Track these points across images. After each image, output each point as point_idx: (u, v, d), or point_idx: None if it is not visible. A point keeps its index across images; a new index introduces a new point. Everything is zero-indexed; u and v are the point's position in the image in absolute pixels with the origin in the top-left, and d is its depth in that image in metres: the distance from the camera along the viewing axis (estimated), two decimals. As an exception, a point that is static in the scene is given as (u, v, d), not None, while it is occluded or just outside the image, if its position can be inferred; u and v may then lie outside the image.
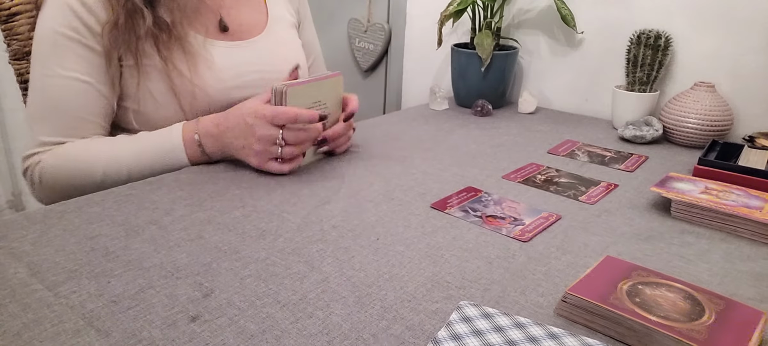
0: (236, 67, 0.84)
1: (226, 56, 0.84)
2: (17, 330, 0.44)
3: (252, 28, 0.89)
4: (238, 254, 0.57)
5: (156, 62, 0.78)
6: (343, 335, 0.45)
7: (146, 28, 0.75)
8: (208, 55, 0.81)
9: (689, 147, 1.02)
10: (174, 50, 0.78)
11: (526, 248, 0.61)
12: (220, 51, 0.83)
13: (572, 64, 1.26)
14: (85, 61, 0.75)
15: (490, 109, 1.20)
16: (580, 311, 0.48)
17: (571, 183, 0.81)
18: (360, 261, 0.57)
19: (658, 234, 0.65)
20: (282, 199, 0.71)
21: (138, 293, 0.49)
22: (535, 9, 1.29)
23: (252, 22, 0.90)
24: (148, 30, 0.76)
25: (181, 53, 0.79)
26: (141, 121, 0.81)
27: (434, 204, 0.71)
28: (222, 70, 0.82)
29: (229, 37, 0.86)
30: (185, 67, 0.79)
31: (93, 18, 0.74)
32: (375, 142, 0.97)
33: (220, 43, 0.84)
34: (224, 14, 0.86)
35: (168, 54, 0.78)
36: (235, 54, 0.85)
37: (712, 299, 0.48)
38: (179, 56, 0.78)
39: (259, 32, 0.90)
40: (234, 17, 0.88)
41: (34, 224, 0.61)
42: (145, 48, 0.77)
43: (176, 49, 0.78)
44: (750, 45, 1.03)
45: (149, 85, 0.78)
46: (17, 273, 0.52)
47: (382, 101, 1.73)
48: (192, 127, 0.78)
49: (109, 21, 0.74)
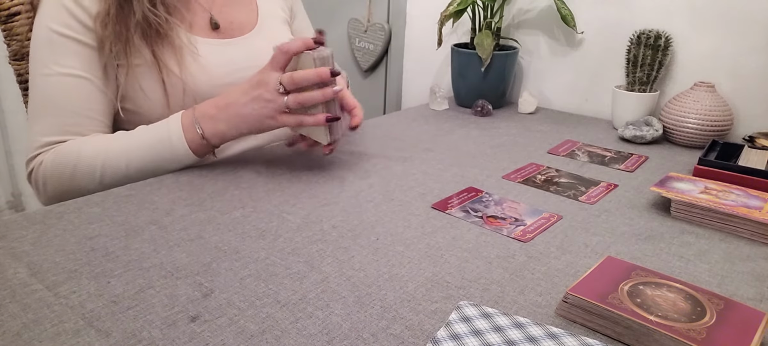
0: (227, 64, 0.84)
1: (217, 53, 0.84)
2: (17, 330, 0.44)
3: (243, 26, 0.90)
4: (238, 254, 0.57)
5: (146, 58, 0.78)
6: (343, 335, 0.45)
7: (136, 21, 0.75)
8: (198, 52, 0.81)
9: (689, 147, 1.01)
10: (164, 46, 0.78)
11: (526, 248, 0.61)
12: (210, 48, 0.83)
13: (572, 64, 1.26)
14: (83, 58, 0.75)
15: (490, 109, 1.20)
16: (580, 312, 0.48)
17: (571, 183, 0.81)
18: (360, 261, 0.57)
19: (658, 234, 0.65)
20: (282, 199, 0.71)
21: (138, 293, 0.49)
22: (535, 9, 1.29)
23: (243, 20, 0.90)
24: (138, 24, 0.76)
25: (171, 50, 0.78)
26: (131, 119, 0.81)
27: (435, 204, 0.71)
28: (212, 67, 0.82)
29: (219, 35, 0.86)
30: (175, 63, 0.79)
31: (87, 15, 0.74)
32: (375, 142, 0.97)
33: (211, 41, 0.84)
34: (215, 12, 0.87)
35: (158, 50, 0.77)
36: (225, 51, 0.85)
37: (712, 299, 0.48)
38: (169, 53, 0.78)
39: (250, 29, 0.90)
40: (225, 15, 0.88)
41: (34, 224, 0.61)
42: (135, 43, 0.77)
43: (166, 46, 0.78)
44: (750, 45, 1.03)
45: (139, 82, 0.78)
46: (17, 273, 0.52)
47: (382, 101, 1.73)
48: (189, 114, 0.76)
49: (102, 11, 0.74)
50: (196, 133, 0.75)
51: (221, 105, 0.75)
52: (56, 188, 0.75)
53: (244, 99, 0.74)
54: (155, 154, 0.75)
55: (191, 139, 0.75)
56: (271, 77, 0.73)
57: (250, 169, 0.80)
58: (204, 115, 0.75)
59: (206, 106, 0.76)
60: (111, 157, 0.74)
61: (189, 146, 0.75)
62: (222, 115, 0.75)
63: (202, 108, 0.76)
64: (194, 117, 0.75)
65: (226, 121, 0.75)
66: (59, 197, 0.74)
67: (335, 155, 0.88)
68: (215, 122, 0.75)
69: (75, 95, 0.75)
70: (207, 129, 0.75)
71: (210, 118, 0.75)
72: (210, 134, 0.75)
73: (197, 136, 0.75)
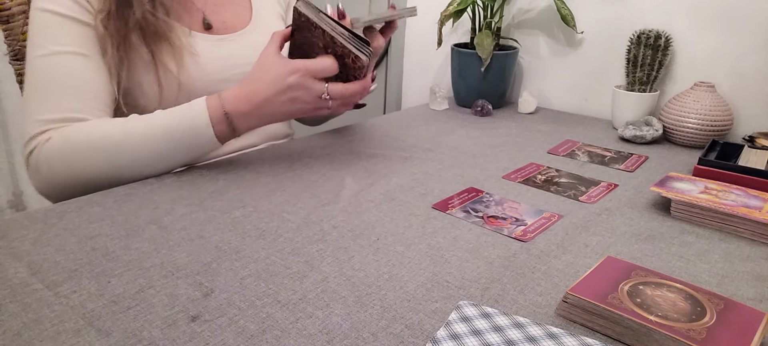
0: (222, 60, 0.85)
1: (212, 50, 0.84)
2: (17, 330, 0.44)
3: (236, 25, 0.90)
4: (238, 254, 0.57)
5: (142, 54, 0.78)
6: (343, 335, 0.45)
7: (135, 20, 0.75)
8: (193, 48, 0.82)
9: (689, 147, 1.02)
10: (160, 43, 0.78)
11: (526, 247, 0.61)
12: (205, 45, 0.84)
13: (572, 64, 1.26)
14: (81, 37, 0.74)
15: (490, 109, 1.20)
16: (580, 311, 0.48)
17: (571, 183, 0.81)
18: (360, 261, 0.57)
19: (658, 234, 0.66)
20: (282, 199, 0.71)
21: (138, 293, 0.49)
22: (535, 9, 1.29)
23: (236, 19, 0.91)
24: (136, 22, 0.76)
25: (167, 46, 0.79)
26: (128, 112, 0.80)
27: (436, 205, 0.71)
28: (207, 63, 0.83)
29: (213, 33, 0.87)
30: (171, 59, 0.79)
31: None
32: (375, 142, 0.97)
33: (206, 37, 0.85)
34: (208, 12, 0.87)
35: (154, 47, 0.78)
36: (220, 47, 0.86)
37: (712, 299, 0.48)
38: (166, 49, 0.79)
39: (243, 27, 0.91)
40: (217, 15, 0.89)
41: (34, 223, 0.61)
42: (133, 40, 0.77)
43: (163, 42, 0.78)
44: (750, 45, 1.03)
45: (137, 77, 0.79)
46: (17, 273, 0.52)
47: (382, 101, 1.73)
48: (216, 106, 0.74)
49: (103, 9, 0.74)
50: (225, 126, 0.75)
51: (255, 102, 0.74)
52: (63, 169, 0.71)
53: (281, 99, 0.74)
54: (179, 139, 0.73)
55: (220, 131, 0.75)
56: (315, 85, 0.74)
57: (251, 169, 0.80)
58: (236, 111, 0.74)
59: (237, 102, 0.74)
60: (130, 135, 0.71)
61: (217, 136, 0.75)
62: (256, 112, 0.75)
63: (233, 104, 0.74)
64: (223, 111, 0.74)
65: (259, 118, 0.76)
66: (63, 180, 0.71)
67: (335, 155, 0.88)
68: (248, 119, 0.76)
69: (78, 72, 0.73)
70: (240, 126, 0.76)
71: (243, 116, 0.75)
72: (243, 129, 0.77)
73: (226, 130, 0.75)
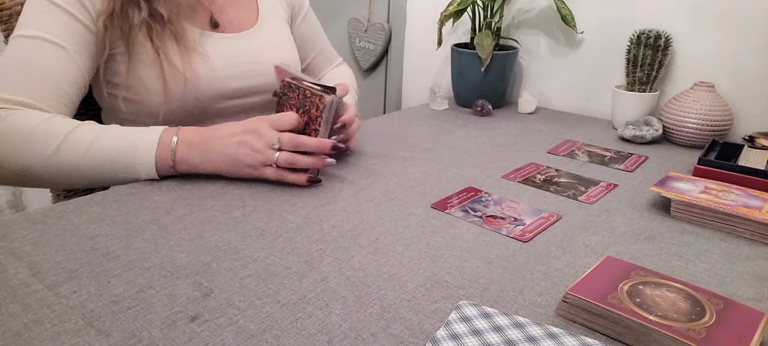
0: (228, 57, 0.85)
1: (218, 47, 0.85)
2: (17, 330, 0.44)
3: (243, 25, 0.91)
4: (237, 254, 0.57)
5: (148, 50, 0.78)
6: (343, 335, 0.45)
7: (141, 18, 0.76)
8: (200, 46, 0.82)
9: (689, 147, 1.02)
10: (167, 40, 0.78)
11: (526, 247, 0.61)
12: (212, 42, 0.84)
13: (572, 64, 1.26)
14: (66, 28, 0.73)
15: (490, 109, 1.20)
16: (580, 311, 0.48)
17: (571, 183, 0.81)
18: (359, 261, 0.57)
19: (657, 234, 0.66)
20: (282, 199, 0.71)
21: (138, 293, 0.49)
22: (535, 9, 1.29)
23: (243, 19, 0.91)
24: (143, 20, 0.76)
25: (173, 43, 0.79)
26: (131, 109, 0.81)
27: (435, 204, 0.71)
28: (214, 60, 0.83)
29: (220, 32, 0.87)
30: (177, 57, 0.79)
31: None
32: (375, 142, 0.97)
33: (213, 34, 0.86)
34: (215, 11, 0.88)
35: (160, 44, 0.78)
36: (226, 45, 0.86)
37: (711, 299, 0.48)
38: (172, 46, 0.79)
39: (250, 27, 0.92)
40: (225, 14, 0.89)
41: (34, 224, 0.61)
42: (138, 37, 0.77)
43: (169, 40, 0.79)
44: (750, 45, 1.03)
45: (140, 72, 0.78)
46: (17, 273, 0.52)
47: (382, 101, 1.73)
48: (172, 132, 0.72)
49: (105, 10, 0.74)
50: (168, 152, 0.72)
51: (206, 136, 0.72)
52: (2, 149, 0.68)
53: (230, 139, 0.72)
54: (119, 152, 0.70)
55: (161, 155, 0.72)
56: (268, 132, 0.72)
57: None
58: (184, 139, 0.72)
59: (190, 132, 0.73)
60: (77, 135, 0.69)
61: (155, 161, 0.71)
62: (201, 146, 0.72)
63: (186, 132, 0.73)
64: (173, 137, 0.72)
65: (202, 153, 0.72)
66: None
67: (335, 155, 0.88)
68: (190, 149, 0.72)
69: (48, 61, 0.72)
70: (179, 153, 0.72)
71: (187, 144, 0.72)
72: (179, 159, 0.72)
73: (167, 157, 0.72)
